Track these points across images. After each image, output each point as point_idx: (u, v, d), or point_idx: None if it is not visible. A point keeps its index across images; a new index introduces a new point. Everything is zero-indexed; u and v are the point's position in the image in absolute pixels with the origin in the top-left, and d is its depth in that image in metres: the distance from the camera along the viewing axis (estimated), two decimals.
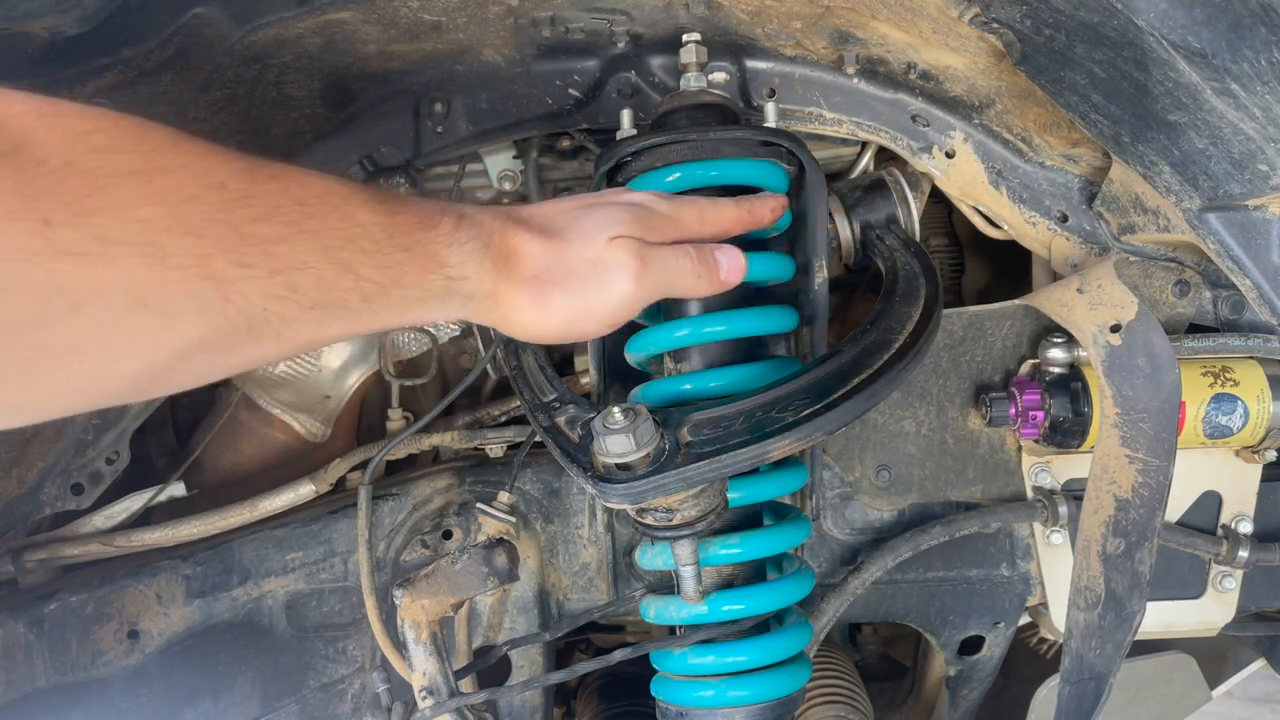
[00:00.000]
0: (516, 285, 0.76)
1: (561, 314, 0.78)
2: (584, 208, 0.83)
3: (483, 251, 0.74)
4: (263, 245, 0.61)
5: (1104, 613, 1.10)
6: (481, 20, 1.14)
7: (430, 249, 0.71)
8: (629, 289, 0.79)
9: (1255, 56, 0.80)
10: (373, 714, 1.32)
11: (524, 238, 0.77)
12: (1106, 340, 1.09)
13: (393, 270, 0.68)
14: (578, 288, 0.78)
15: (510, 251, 0.76)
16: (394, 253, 0.68)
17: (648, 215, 0.84)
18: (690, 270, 0.85)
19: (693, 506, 0.92)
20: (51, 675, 1.26)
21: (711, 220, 0.90)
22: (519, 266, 0.77)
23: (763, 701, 1.03)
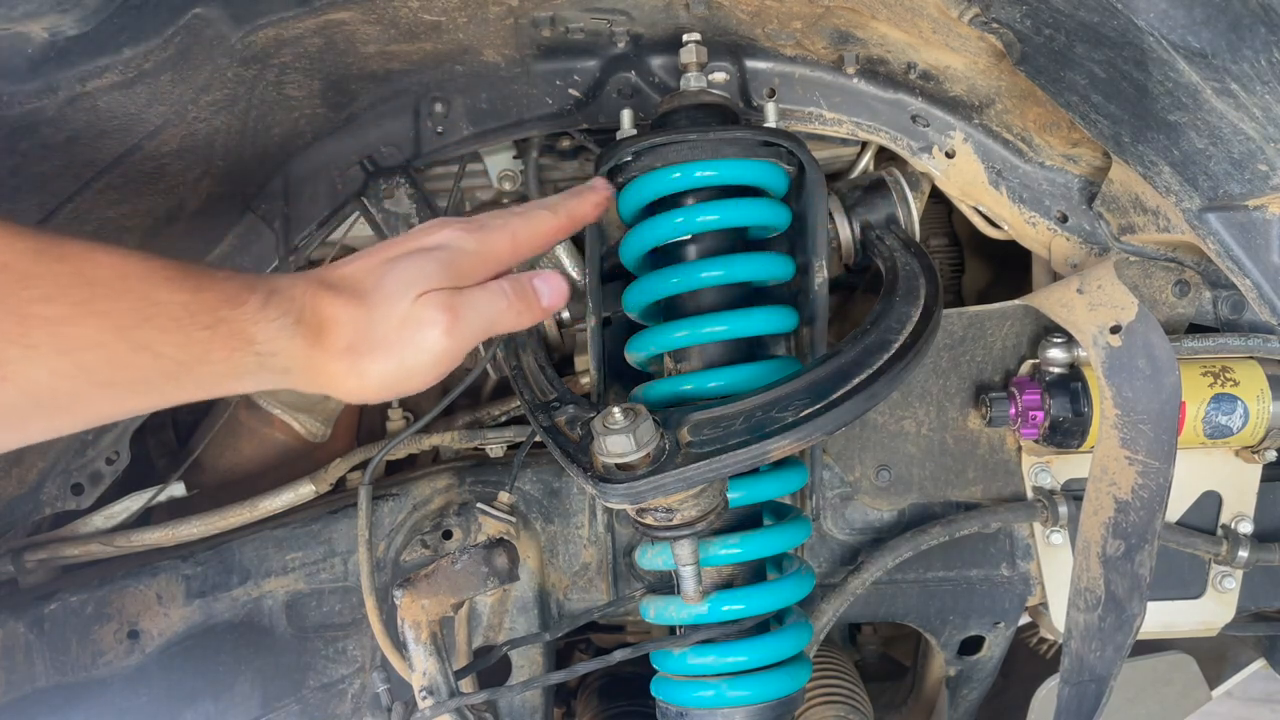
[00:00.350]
0: (332, 358, 0.76)
1: (379, 380, 0.77)
2: (389, 262, 0.80)
3: (294, 327, 0.73)
4: (49, 326, 0.61)
5: (1104, 614, 1.10)
6: (481, 20, 1.14)
7: (236, 327, 0.70)
8: (443, 345, 0.78)
9: (1255, 56, 0.80)
10: (373, 714, 1.32)
11: (334, 306, 0.76)
12: (1106, 341, 1.09)
13: (196, 348, 0.68)
14: (391, 353, 0.77)
15: (322, 323, 0.75)
16: (196, 331, 0.67)
17: (454, 258, 0.81)
18: (507, 308, 0.83)
19: (693, 506, 0.92)
20: (51, 675, 1.26)
21: (526, 240, 0.87)
22: (331, 338, 0.75)
23: (763, 701, 1.03)
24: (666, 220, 1.06)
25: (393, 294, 0.77)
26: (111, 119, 0.97)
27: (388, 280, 0.78)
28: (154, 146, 1.03)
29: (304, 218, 1.25)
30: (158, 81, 0.97)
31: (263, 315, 0.72)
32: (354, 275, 0.79)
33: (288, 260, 1.25)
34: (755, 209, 1.08)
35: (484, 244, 0.84)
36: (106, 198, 1.04)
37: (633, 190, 1.08)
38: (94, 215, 1.05)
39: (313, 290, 0.76)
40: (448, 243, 0.82)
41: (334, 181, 1.25)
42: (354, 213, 1.26)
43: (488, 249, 0.84)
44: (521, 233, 0.87)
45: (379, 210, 1.25)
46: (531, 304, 0.86)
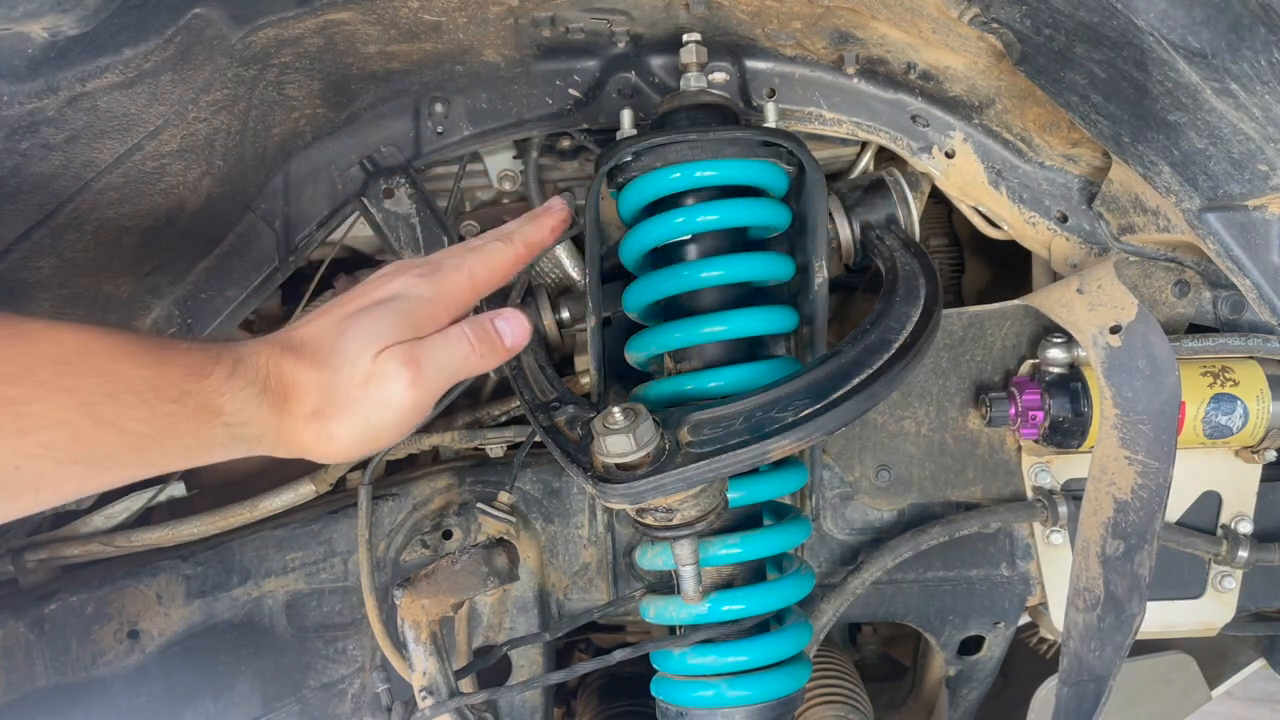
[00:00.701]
0: (300, 424, 0.75)
1: (349, 441, 0.77)
2: (346, 320, 0.79)
3: (260, 396, 0.73)
4: (9, 406, 0.60)
5: (1103, 614, 1.10)
6: (481, 20, 1.14)
7: (203, 399, 0.69)
8: (408, 399, 0.77)
9: (1255, 56, 0.80)
10: (373, 714, 1.32)
11: (297, 370, 0.75)
12: (1106, 341, 1.09)
13: (162, 422, 0.67)
14: (357, 413, 0.76)
15: (287, 389, 0.75)
16: (162, 405, 0.67)
17: (411, 307, 0.80)
18: (470, 353, 0.82)
19: (693, 506, 0.92)
20: (51, 675, 1.26)
21: (485, 278, 0.86)
22: (296, 404, 0.75)
23: (763, 701, 1.03)
24: (666, 220, 1.06)
25: (352, 353, 0.77)
26: (111, 119, 0.97)
27: (346, 339, 0.77)
28: (154, 146, 1.03)
29: (304, 218, 1.25)
30: (158, 81, 0.97)
31: (229, 386, 0.71)
32: (313, 336, 0.78)
33: (287, 260, 1.25)
34: (755, 209, 1.08)
35: (440, 288, 0.82)
36: (106, 198, 1.04)
37: (633, 190, 1.08)
38: (94, 215, 1.05)
39: (275, 355, 0.75)
40: (403, 291, 0.81)
41: (334, 181, 1.25)
42: (354, 213, 1.26)
43: (445, 293, 0.83)
44: (479, 270, 0.85)
45: (379, 210, 1.25)
46: (495, 345, 0.84)
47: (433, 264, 0.84)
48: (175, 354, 0.70)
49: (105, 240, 1.08)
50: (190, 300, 1.23)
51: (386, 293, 0.81)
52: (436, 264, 0.84)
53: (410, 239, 1.26)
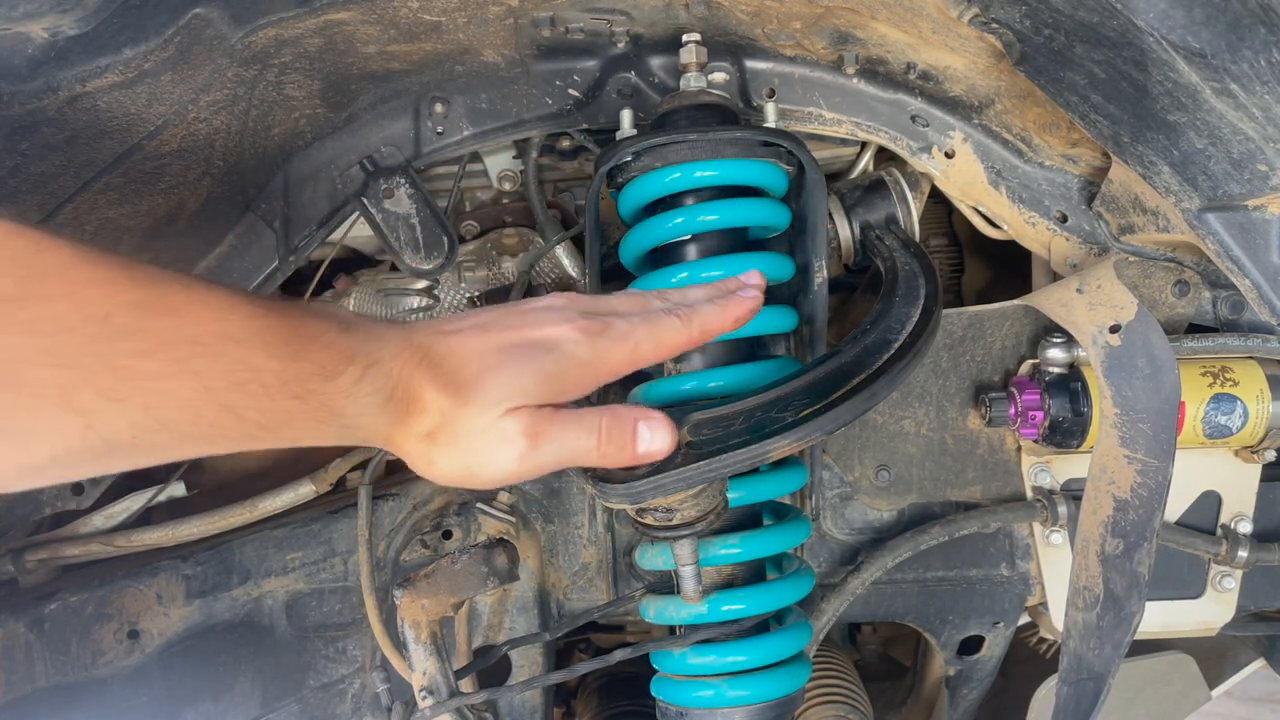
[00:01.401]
0: (410, 438, 0.74)
1: (445, 475, 0.76)
2: (499, 353, 0.76)
3: (383, 405, 0.72)
4: (140, 380, 0.60)
5: (1103, 613, 1.10)
6: (481, 20, 1.14)
7: (326, 399, 0.69)
8: (511, 469, 0.76)
9: (1255, 56, 0.80)
10: (373, 714, 1.32)
11: (428, 389, 0.73)
12: (1106, 340, 1.09)
13: (280, 416, 0.67)
14: (464, 455, 0.75)
15: (410, 403, 0.73)
16: (285, 400, 0.67)
17: (561, 369, 0.76)
18: (593, 448, 0.78)
19: (692, 506, 0.92)
20: (51, 675, 1.26)
21: (648, 354, 0.80)
22: (415, 419, 0.74)
23: (762, 701, 1.03)
24: (666, 220, 1.06)
25: (487, 397, 0.74)
26: (111, 119, 0.97)
27: (487, 379, 0.75)
28: (154, 146, 1.03)
29: (304, 218, 1.25)
30: (158, 81, 0.97)
31: (355, 391, 0.70)
32: (458, 358, 0.75)
33: (288, 260, 1.25)
34: (755, 209, 1.08)
35: (599, 355, 0.78)
36: (106, 198, 1.04)
37: (632, 190, 1.08)
38: (94, 215, 1.05)
39: (412, 364, 0.73)
40: (561, 344, 0.77)
41: (334, 181, 1.25)
42: (354, 213, 1.26)
43: (601, 362, 0.78)
44: (645, 346, 0.80)
45: (379, 210, 1.25)
46: (624, 449, 0.80)
47: (603, 321, 0.79)
48: (310, 348, 0.68)
49: (105, 240, 1.08)
50: None
51: (546, 337, 0.77)
52: (606, 323, 0.79)
53: (410, 239, 1.26)
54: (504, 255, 1.40)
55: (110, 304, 0.60)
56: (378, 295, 1.43)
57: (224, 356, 0.64)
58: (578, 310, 0.80)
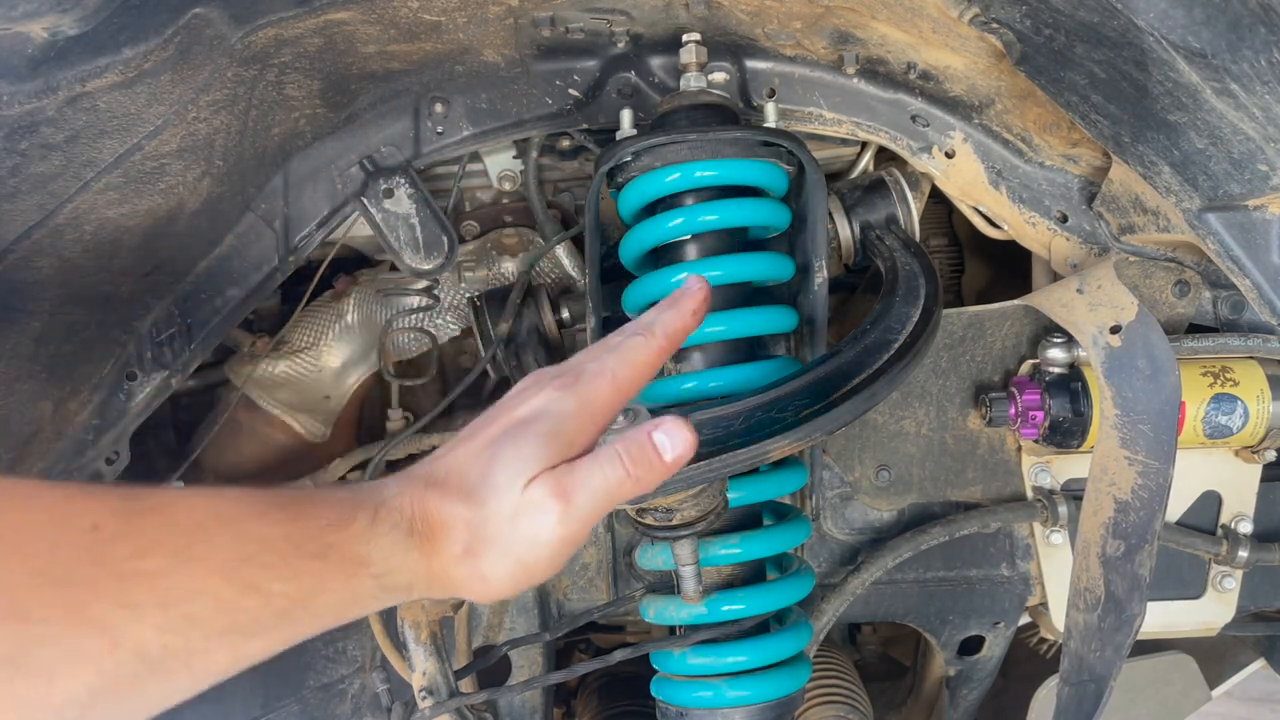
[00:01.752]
0: (451, 564, 0.71)
1: (503, 580, 0.72)
2: (491, 445, 0.74)
3: (406, 540, 0.69)
4: (147, 580, 0.58)
5: (1104, 615, 1.10)
6: (481, 20, 1.14)
7: (347, 551, 0.66)
8: (558, 534, 0.72)
9: (1255, 56, 0.80)
10: (373, 714, 1.32)
11: (444, 507, 0.71)
12: (1106, 341, 1.09)
13: (306, 581, 0.64)
14: (509, 551, 0.72)
15: (434, 529, 0.71)
16: (304, 562, 0.64)
17: (557, 426, 0.74)
18: (625, 477, 0.75)
19: (693, 507, 0.92)
20: None
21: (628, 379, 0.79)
22: (446, 543, 0.71)
23: (762, 701, 1.03)
24: (666, 220, 1.06)
25: (500, 485, 0.72)
26: (111, 119, 0.97)
27: (493, 470, 0.72)
28: (154, 146, 1.03)
29: (304, 218, 1.25)
30: (158, 81, 0.97)
31: (373, 533, 0.67)
32: (458, 468, 0.74)
33: (287, 260, 1.25)
34: (755, 209, 1.08)
35: (584, 399, 0.76)
36: (106, 198, 1.04)
37: (632, 190, 1.08)
38: (94, 215, 1.05)
39: (419, 493, 0.71)
40: (545, 408, 0.75)
41: (334, 181, 1.25)
42: (354, 213, 1.26)
43: (588, 404, 0.76)
44: (621, 372, 0.78)
45: (379, 210, 1.25)
46: (653, 464, 0.76)
47: (573, 372, 0.78)
48: (311, 507, 0.66)
49: (105, 240, 1.08)
50: (190, 300, 1.23)
51: (528, 411, 0.75)
52: (577, 372, 0.78)
53: (410, 239, 1.26)
54: (504, 255, 1.40)
55: (94, 515, 0.58)
56: (378, 295, 1.43)
57: (223, 535, 0.61)
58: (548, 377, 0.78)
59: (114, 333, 1.20)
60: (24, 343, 1.09)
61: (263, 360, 1.40)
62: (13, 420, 1.13)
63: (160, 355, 1.22)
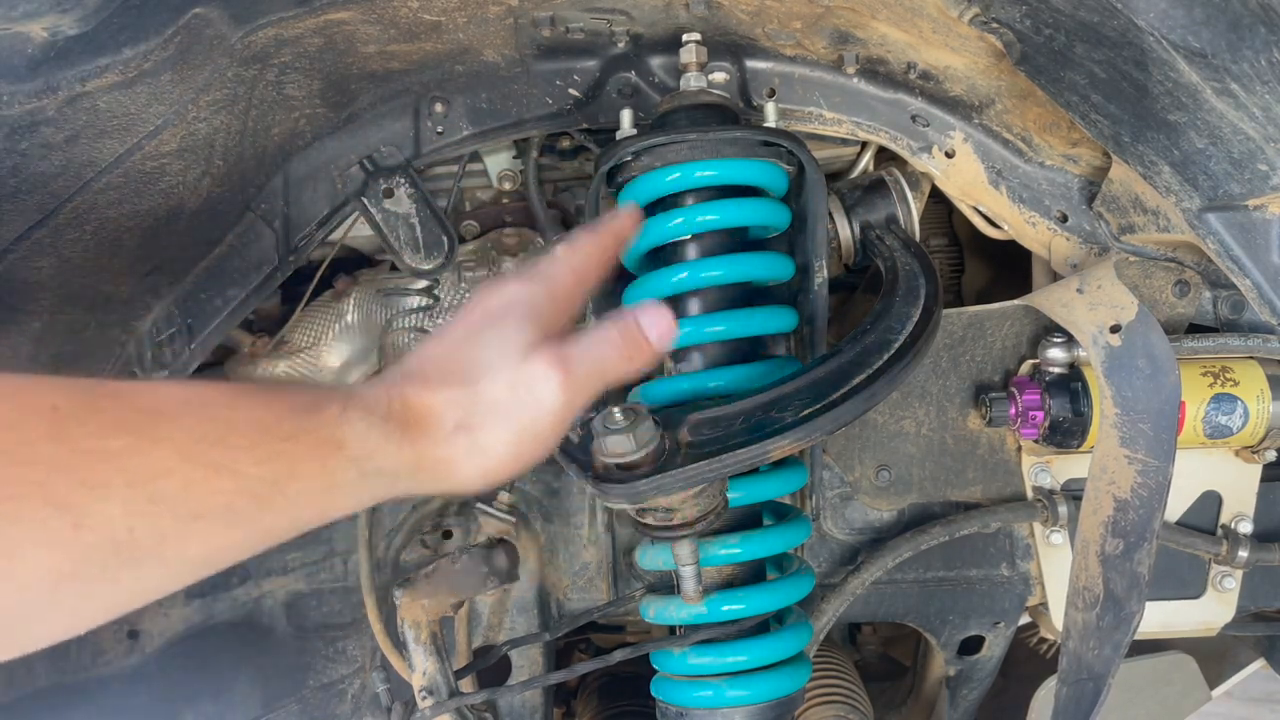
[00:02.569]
0: (442, 443, 0.69)
1: (503, 452, 0.71)
2: (470, 336, 0.74)
3: (384, 425, 0.67)
4: (112, 459, 0.55)
5: (1102, 613, 1.10)
6: (481, 20, 1.14)
7: (320, 434, 0.64)
8: (560, 399, 0.72)
9: (1255, 56, 0.80)
10: (373, 714, 1.32)
11: (425, 393, 0.70)
12: (1106, 340, 1.09)
13: (280, 464, 0.61)
14: (509, 419, 0.71)
15: (417, 414, 0.69)
16: (275, 444, 0.61)
17: (530, 308, 0.75)
18: (618, 355, 0.77)
19: (693, 506, 0.92)
20: (51, 675, 1.26)
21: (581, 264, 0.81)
22: (434, 425, 0.69)
23: (762, 701, 1.03)
24: (666, 220, 1.06)
25: (492, 360, 0.72)
26: (111, 119, 0.97)
27: (479, 350, 0.72)
28: (154, 146, 1.03)
29: (304, 218, 1.25)
30: (158, 81, 0.97)
31: (345, 418, 0.65)
32: (436, 358, 0.73)
33: (287, 260, 1.25)
34: (755, 209, 1.08)
35: (550, 285, 0.78)
36: (106, 198, 1.04)
37: (632, 190, 1.08)
38: (94, 215, 1.05)
39: (395, 385, 0.70)
40: (515, 296, 0.76)
41: (334, 181, 1.25)
42: (354, 213, 1.26)
43: (555, 285, 0.78)
44: (575, 260, 0.81)
45: (379, 210, 1.25)
46: (641, 345, 0.78)
47: (528, 269, 0.80)
48: (281, 394, 0.65)
49: (105, 240, 1.08)
50: (190, 300, 1.23)
51: (499, 302, 0.76)
52: (533, 270, 0.80)
53: (410, 239, 1.26)
54: (504, 255, 1.40)
55: (54, 396, 0.56)
56: (378, 295, 1.43)
57: (188, 417, 0.59)
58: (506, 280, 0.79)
59: (114, 333, 1.20)
60: (24, 343, 1.09)
61: (263, 360, 1.40)
62: None
63: (160, 355, 1.22)
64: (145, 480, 0.56)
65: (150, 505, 0.56)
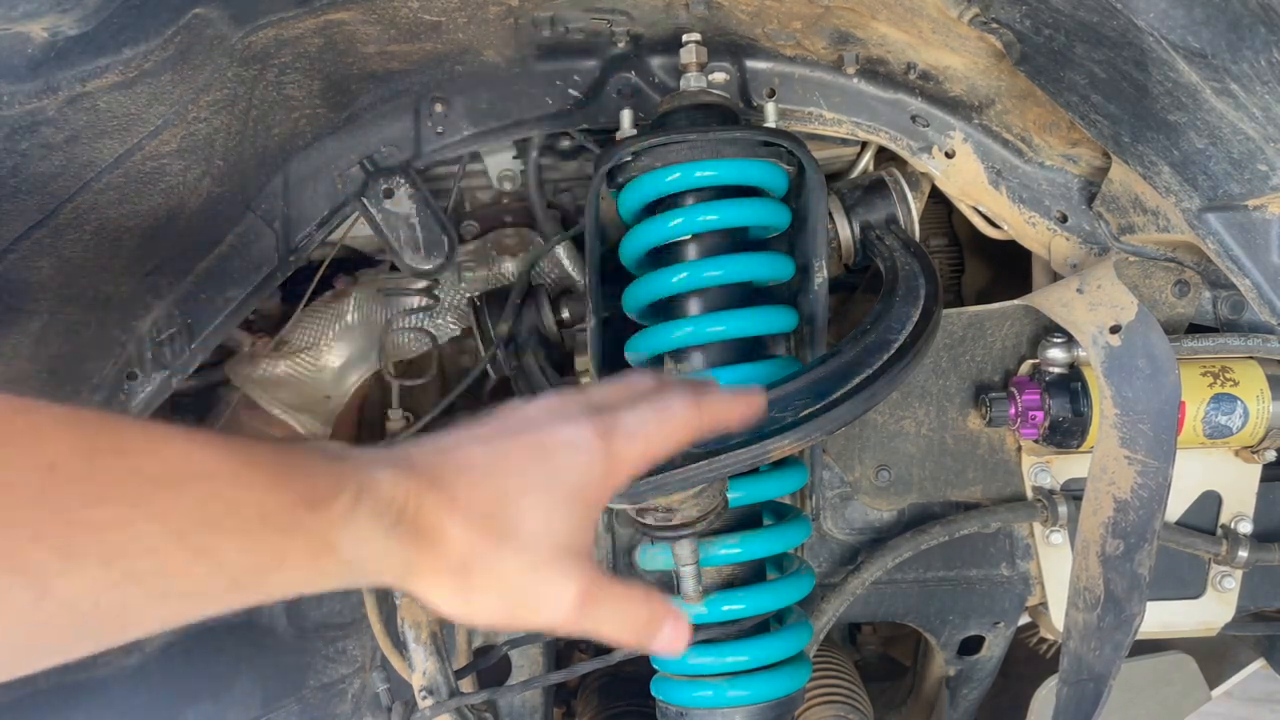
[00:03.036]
0: (436, 570, 0.65)
1: (486, 616, 0.67)
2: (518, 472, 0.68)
3: (390, 530, 0.63)
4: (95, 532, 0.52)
5: (1103, 614, 1.10)
6: (481, 20, 1.14)
7: (317, 533, 0.60)
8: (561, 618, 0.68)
9: (1255, 56, 0.80)
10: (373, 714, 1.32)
11: (447, 517, 0.65)
12: (1106, 341, 1.09)
13: (266, 555, 0.58)
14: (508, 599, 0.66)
15: (425, 530, 0.64)
16: (268, 535, 0.58)
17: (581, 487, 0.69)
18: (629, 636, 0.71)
19: (692, 506, 0.92)
20: (51, 675, 1.26)
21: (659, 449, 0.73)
22: (440, 549, 0.65)
23: (762, 701, 1.03)
24: (666, 220, 1.06)
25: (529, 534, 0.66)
26: (111, 119, 0.97)
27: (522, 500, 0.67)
28: (154, 146, 1.03)
29: (304, 218, 1.25)
30: (158, 81, 0.97)
31: (351, 518, 0.61)
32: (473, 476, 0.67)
33: (288, 260, 1.25)
34: (755, 209, 1.08)
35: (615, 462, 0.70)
36: (106, 198, 1.04)
37: (632, 190, 1.08)
38: (94, 215, 1.05)
39: (419, 488, 0.64)
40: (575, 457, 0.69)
41: (334, 181, 1.25)
42: (354, 213, 1.26)
43: (617, 469, 0.71)
44: (656, 440, 0.73)
45: (379, 210, 1.25)
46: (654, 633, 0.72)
47: (610, 415, 0.71)
48: (291, 475, 0.60)
49: (105, 240, 1.08)
50: (190, 300, 1.23)
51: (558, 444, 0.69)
52: (614, 420, 0.71)
53: (410, 239, 1.26)
54: (504, 255, 1.40)
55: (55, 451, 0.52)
56: (378, 295, 1.43)
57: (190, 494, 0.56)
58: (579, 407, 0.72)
59: (114, 333, 1.20)
60: (24, 343, 1.09)
61: (263, 360, 1.40)
62: None
63: (160, 355, 1.22)
64: (124, 557, 0.53)
65: (122, 581, 0.53)
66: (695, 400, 0.75)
